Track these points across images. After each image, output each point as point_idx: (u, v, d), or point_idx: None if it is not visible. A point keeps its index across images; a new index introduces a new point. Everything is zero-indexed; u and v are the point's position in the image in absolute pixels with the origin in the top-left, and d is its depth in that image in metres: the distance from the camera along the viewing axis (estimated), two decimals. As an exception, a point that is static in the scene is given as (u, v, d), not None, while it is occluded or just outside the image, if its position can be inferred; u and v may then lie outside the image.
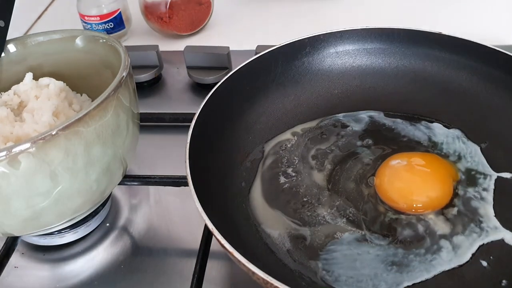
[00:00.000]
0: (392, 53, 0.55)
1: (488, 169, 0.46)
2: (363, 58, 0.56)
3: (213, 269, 0.44)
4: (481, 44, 0.50)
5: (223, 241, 0.35)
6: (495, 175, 0.46)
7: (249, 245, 0.41)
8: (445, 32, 0.52)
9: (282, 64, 0.54)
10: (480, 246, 0.40)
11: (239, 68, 0.51)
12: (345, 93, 0.55)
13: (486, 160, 0.47)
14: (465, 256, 0.40)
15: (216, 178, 0.44)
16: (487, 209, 0.43)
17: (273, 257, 0.41)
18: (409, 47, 0.54)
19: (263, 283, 0.33)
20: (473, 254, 0.40)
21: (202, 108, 0.46)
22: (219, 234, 0.35)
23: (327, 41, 0.55)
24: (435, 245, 0.41)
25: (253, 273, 0.33)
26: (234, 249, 0.34)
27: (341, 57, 0.56)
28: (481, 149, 0.48)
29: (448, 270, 0.39)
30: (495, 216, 0.42)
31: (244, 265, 0.34)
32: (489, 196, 0.44)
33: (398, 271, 0.39)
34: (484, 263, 0.39)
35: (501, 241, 0.41)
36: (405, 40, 0.54)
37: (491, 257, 0.40)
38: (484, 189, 0.45)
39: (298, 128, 0.52)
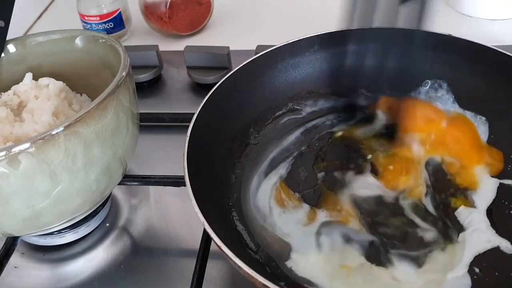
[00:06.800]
0: (395, 53, 0.55)
1: (488, 175, 0.45)
2: (365, 58, 0.55)
3: (213, 269, 0.44)
4: (483, 45, 0.50)
5: (222, 245, 0.35)
6: (497, 182, 0.45)
7: (249, 247, 0.41)
8: (455, 34, 0.51)
9: (282, 64, 0.54)
10: (474, 253, 0.40)
11: (239, 68, 0.51)
12: (347, 93, 0.55)
13: None
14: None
15: (215, 178, 0.44)
16: (485, 216, 0.42)
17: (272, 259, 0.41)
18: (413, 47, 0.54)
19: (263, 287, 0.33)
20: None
21: (201, 108, 0.46)
22: (218, 238, 0.35)
23: (328, 41, 0.55)
24: (427, 251, 0.40)
25: (252, 278, 0.33)
26: (234, 254, 0.34)
27: (343, 57, 0.55)
28: None
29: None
30: (492, 224, 0.42)
31: (245, 271, 0.33)
32: (488, 203, 0.43)
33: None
34: (477, 270, 0.39)
35: (497, 248, 0.40)
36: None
37: (484, 264, 0.39)
38: (484, 196, 0.44)
39: (298, 128, 0.52)
